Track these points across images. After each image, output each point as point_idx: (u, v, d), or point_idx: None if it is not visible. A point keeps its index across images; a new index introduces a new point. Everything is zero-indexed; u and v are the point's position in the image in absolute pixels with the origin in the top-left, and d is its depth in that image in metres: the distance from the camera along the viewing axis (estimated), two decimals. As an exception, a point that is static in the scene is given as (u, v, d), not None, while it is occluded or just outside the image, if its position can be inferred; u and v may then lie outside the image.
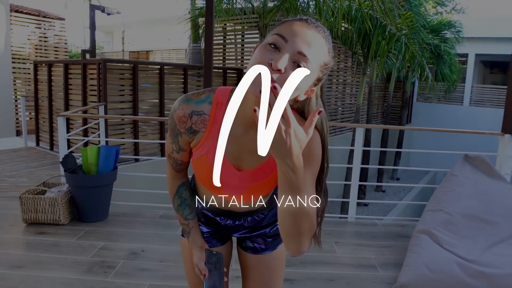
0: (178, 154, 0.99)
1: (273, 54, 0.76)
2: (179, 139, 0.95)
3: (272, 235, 1.16)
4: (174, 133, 0.95)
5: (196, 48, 7.97)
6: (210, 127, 0.90)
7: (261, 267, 1.16)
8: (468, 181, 2.82)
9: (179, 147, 0.97)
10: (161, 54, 16.62)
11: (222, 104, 0.90)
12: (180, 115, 0.91)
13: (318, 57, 0.79)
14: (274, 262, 1.18)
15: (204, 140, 0.91)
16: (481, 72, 17.49)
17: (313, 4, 5.72)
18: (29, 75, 7.76)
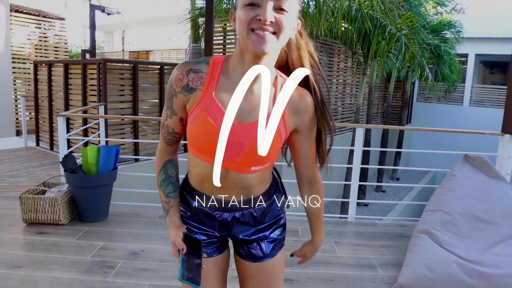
0: (171, 120, 1.00)
1: (255, 10, 0.82)
2: (173, 102, 0.97)
3: (272, 239, 1.10)
4: (169, 96, 0.97)
5: (196, 48, 7.96)
6: (208, 85, 0.93)
7: (260, 276, 1.11)
8: (468, 181, 2.82)
9: (172, 111, 0.99)
10: (161, 54, 16.62)
11: (218, 64, 0.94)
12: (177, 74, 0.95)
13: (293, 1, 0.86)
14: (273, 270, 1.12)
15: (201, 97, 0.93)
16: (481, 72, 17.49)
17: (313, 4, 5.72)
18: (29, 75, 7.76)
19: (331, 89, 9.47)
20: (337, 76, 9.77)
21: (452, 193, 2.74)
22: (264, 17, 0.81)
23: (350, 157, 8.49)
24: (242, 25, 0.84)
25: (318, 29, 5.70)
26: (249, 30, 0.84)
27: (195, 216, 1.08)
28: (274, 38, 0.85)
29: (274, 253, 1.11)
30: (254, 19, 0.82)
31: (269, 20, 0.82)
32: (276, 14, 0.83)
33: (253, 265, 1.10)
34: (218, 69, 0.94)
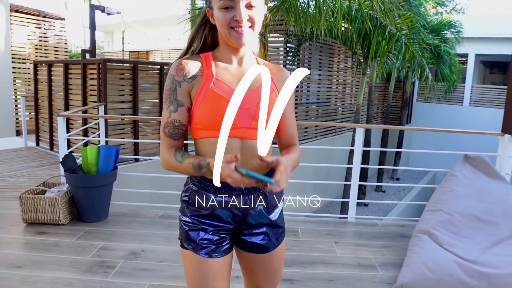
0: (176, 112, 1.07)
1: (231, 12, 1.01)
2: (177, 94, 1.06)
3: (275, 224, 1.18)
4: (172, 90, 1.07)
5: (196, 48, 7.95)
6: (206, 70, 1.07)
7: (271, 262, 1.20)
8: (468, 181, 2.82)
9: (177, 104, 1.07)
10: (161, 54, 16.61)
11: (208, 55, 1.11)
12: (176, 66, 1.07)
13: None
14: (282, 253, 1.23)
15: (205, 80, 1.06)
16: (481, 72, 17.49)
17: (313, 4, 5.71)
18: (29, 75, 7.76)
19: (331, 89, 9.47)
20: (337, 76, 9.77)
21: (452, 193, 2.74)
22: (239, 17, 1.00)
23: (350, 157, 8.49)
24: (223, 26, 1.02)
25: (318, 29, 5.70)
26: (229, 28, 1.02)
27: (210, 213, 1.11)
28: (250, 30, 1.04)
29: (278, 241, 1.20)
30: (232, 19, 1.01)
31: (244, 19, 1.01)
32: (248, 11, 1.02)
33: (264, 256, 1.18)
34: (210, 58, 1.10)
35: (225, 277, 1.14)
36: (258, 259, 1.19)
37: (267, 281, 1.24)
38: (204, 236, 1.10)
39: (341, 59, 9.81)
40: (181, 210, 1.16)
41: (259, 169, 1.07)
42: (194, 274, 1.12)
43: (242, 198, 1.11)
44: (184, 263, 1.15)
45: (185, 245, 1.13)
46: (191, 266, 1.12)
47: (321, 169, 8.71)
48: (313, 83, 8.70)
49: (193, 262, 1.11)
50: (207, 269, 1.10)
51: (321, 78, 8.97)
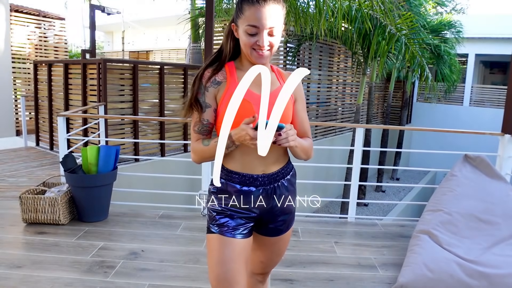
0: (205, 113, 1.25)
1: (255, 37, 1.18)
2: (205, 97, 1.25)
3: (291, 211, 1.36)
4: (200, 94, 1.25)
5: (196, 48, 7.97)
6: (229, 77, 1.26)
7: (280, 243, 1.40)
8: (468, 181, 2.82)
9: (205, 105, 1.25)
10: (161, 54, 16.61)
11: (231, 64, 1.29)
12: (204, 73, 1.26)
13: (279, 20, 1.19)
14: (289, 235, 1.42)
15: (229, 85, 1.24)
16: (481, 72, 17.50)
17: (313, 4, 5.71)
18: (29, 75, 7.76)
19: (331, 89, 9.47)
20: (337, 76, 9.77)
21: (452, 193, 2.74)
22: (262, 44, 1.18)
23: (350, 157, 8.50)
24: (246, 47, 1.20)
25: (318, 29, 5.70)
26: (251, 49, 1.20)
27: (238, 201, 1.27)
28: (269, 53, 1.21)
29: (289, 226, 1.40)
30: (255, 43, 1.18)
31: (265, 45, 1.18)
32: (269, 38, 1.19)
33: (275, 238, 1.38)
34: (232, 67, 1.28)
35: (244, 259, 1.27)
36: (269, 240, 1.38)
37: (272, 259, 1.43)
38: (230, 220, 1.26)
39: (341, 59, 9.81)
40: (209, 200, 1.32)
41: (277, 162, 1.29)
42: (217, 254, 1.23)
43: (265, 188, 1.27)
44: (209, 246, 1.28)
45: (212, 229, 1.27)
46: (216, 247, 1.24)
47: (321, 169, 8.71)
48: (313, 83, 8.70)
49: (218, 243, 1.24)
50: (230, 250, 1.23)
51: (321, 78, 8.97)
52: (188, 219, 3.19)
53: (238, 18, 1.19)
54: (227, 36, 1.27)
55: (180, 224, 3.09)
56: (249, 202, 1.27)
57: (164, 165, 5.38)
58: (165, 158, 5.50)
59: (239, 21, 1.19)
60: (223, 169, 1.28)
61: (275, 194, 1.30)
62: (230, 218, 1.26)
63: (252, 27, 1.16)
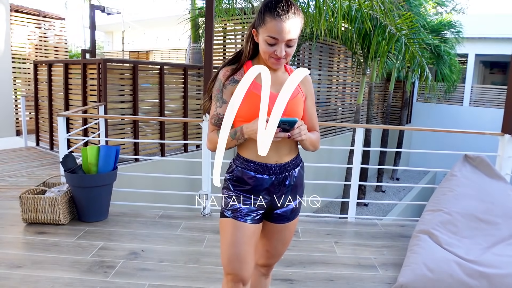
0: (221, 108, 1.36)
1: (273, 47, 1.28)
2: (223, 93, 1.37)
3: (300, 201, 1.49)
4: (219, 90, 1.37)
5: (196, 48, 7.96)
6: None
7: (286, 231, 1.49)
8: (468, 181, 2.82)
9: (222, 101, 1.37)
10: (161, 54, 16.61)
11: (248, 65, 1.38)
12: (224, 71, 1.38)
13: (297, 32, 1.29)
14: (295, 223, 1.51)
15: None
16: (481, 72, 17.49)
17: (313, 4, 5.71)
18: (29, 75, 7.76)
19: (331, 89, 9.47)
20: (337, 76, 9.77)
21: (452, 193, 2.74)
22: (280, 54, 1.28)
23: (350, 157, 8.49)
24: (265, 54, 1.30)
25: (318, 29, 5.70)
26: (269, 57, 1.30)
27: (251, 188, 1.38)
28: (284, 60, 1.32)
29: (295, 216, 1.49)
30: (273, 53, 1.28)
31: (283, 56, 1.28)
32: (286, 49, 1.28)
33: (282, 225, 1.47)
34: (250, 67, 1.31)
35: (254, 243, 1.38)
36: (276, 228, 1.47)
37: (277, 247, 1.52)
38: (244, 206, 1.36)
39: (341, 59, 9.81)
40: (225, 187, 1.42)
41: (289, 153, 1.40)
42: (230, 237, 1.34)
43: (277, 177, 1.38)
44: (222, 229, 1.39)
45: (226, 214, 1.38)
46: (229, 230, 1.35)
47: (321, 169, 8.71)
48: (313, 83, 8.67)
49: (231, 227, 1.35)
50: (242, 233, 1.34)
51: (321, 78, 8.97)
52: (188, 219, 3.19)
53: (259, 26, 1.28)
54: (248, 39, 1.36)
55: (180, 224, 3.09)
56: (262, 189, 1.38)
57: (164, 165, 5.38)
58: (165, 158, 5.50)
59: (260, 29, 1.28)
60: (239, 158, 1.40)
61: (285, 182, 1.41)
62: (243, 204, 1.37)
63: (272, 38, 1.25)
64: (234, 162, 1.43)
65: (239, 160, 1.40)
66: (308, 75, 1.43)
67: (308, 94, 1.46)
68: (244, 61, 1.39)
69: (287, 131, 1.26)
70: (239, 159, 1.40)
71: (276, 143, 1.33)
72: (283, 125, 1.23)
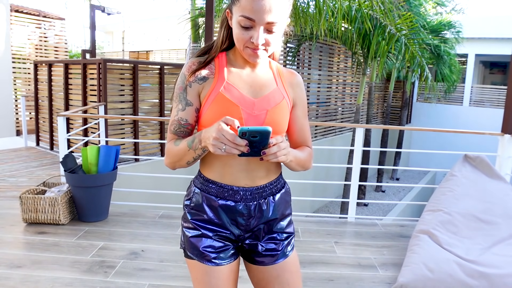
0: (184, 111, 1.06)
1: (249, 32, 0.97)
2: (187, 93, 1.05)
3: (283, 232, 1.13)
4: (182, 89, 1.06)
5: (196, 48, 7.96)
6: (218, 73, 1.05)
7: (284, 276, 1.12)
8: (468, 181, 2.82)
9: (186, 103, 1.06)
10: (161, 54, 16.62)
11: (221, 57, 1.08)
12: (189, 65, 1.06)
13: (281, 14, 0.97)
14: (295, 265, 1.16)
15: (215, 83, 1.04)
16: (481, 72, 17.50)
17: (313, 4, 5.71)
18: (29, 75, 7.76)
19: (331, 89, 9.47)
20: (337, 76, 9.77)
21: (452, 193, 2.74)
22: (256, 42, 0.96)
23: (350, 157, 8.50)
24: (239, 42, 1.00)
25: (318, 29, 5.70)
26: (244, 47, 1.00)
27: (212, 217, 1.07)
28: (264, 52, 1.01)
29: (286, 253, 1.13)
30: (248, 40, 0.97)
31: (261, 44, 0.97)
32: (266, 35, 0.97)
33: (273, 267, 1.12)
34: (223, 61, 1.07)
35: (233, 283, 1.11)
36: (268, 272, 1.12)
37: None
38: (207, 243, 1.07)
39: (341, 59, 9.81)
40: (183, 217, 1.13)
41: (266, 176, 1.09)
42: (204, 285, 1.07)
43: (247, 204, 1.07)
44: (191, 272, 1.12)
45: (189, 254, 1.10)
46: (199, 276, 1.08)
47: (321, 169, 8.71)
48: (313, 83, 8.70)
49: (200, 272, 1.07)
50: (216, 278, 1.06)
51: (321, 78, 8.97)
52: (188, 219, 3.19)
53: (233, 4, 0.98)
54: (222, 25, 1.08)
55: (180, 224, 3.08)
56: (227, 219, 1.07)
57: (164, 165, 5.37)
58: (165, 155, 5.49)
59: (234, 8, 0.98)
60: (199, 177, 1.10)
61: (260, 213, 1.08)
62: (206, 239, 1.07)
63: (246, 19, 0.95)
64: (193, 182, 1.12)
65: (199, 180, 1.10)
66: (299, 78, 1.14)
67: (298, 101, 1.13)
68: (216, 53, 1.08)
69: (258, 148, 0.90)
70: (199, 178, 1.10)
71: (248, 161, 1.04)
72: (251, 137, 0.87)
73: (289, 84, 1.12)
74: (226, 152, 0.88)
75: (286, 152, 0.94)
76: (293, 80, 1.13)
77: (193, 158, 1.02)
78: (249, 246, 1.12)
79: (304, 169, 1.12)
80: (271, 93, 1.06)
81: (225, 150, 0.88)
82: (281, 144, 0.92)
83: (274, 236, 1.12)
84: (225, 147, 0.88)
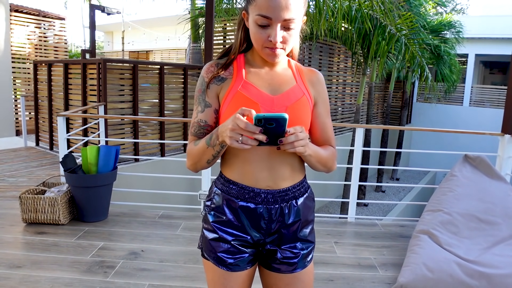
0: (203, 113, 1.07)
1: (267, 31, 0.97)
2: (206, 95, 1.06)
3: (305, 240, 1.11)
4: (201, 91, 1.07)
5: (196, 48, 7.97)
6: (236, 73, 1.06)
7: (298, 284, 1.10)
8: (468, 181, 2.82)
9: (205, 105, 1.06)
10: (161, 54, 16.63)
11: (240, 58, 1.09)
12: (207, 67, 1.08)
13: (299, 11, 0.98)
14: (309, 275, 1.13)
15: (233, 83, 1.04)
16: (481, 72, 17.51)
17: (313, 4, 5.71)
18: (29, 75, 7.76)
19: (331, 89, 9.47)
20: (337, 76, 9.77)
21: (452, 193, 2.74)
22: (274, 39, 0.97)
23: (350, 157, 8.50)
24: (257, 42, 1.00)
25: (318, 29, 5.70)
26: (263, 47, 1.00)
27: (232, 219, 1.06)
28: (283, 50, 1.01)
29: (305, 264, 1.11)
30: (266, 39, 0.98)
31: (279, 41, 0.97)
32: (284, 33, 0.98)
33: (288, 276, 1.10)
34: (241, 61, 1.08)
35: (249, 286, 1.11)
36: (281, 279, 1.10)
37: None
38: (225, 248, 1.05)
39: (341, 59, 9.81)
40: (203, 218, 1.12)
41: (290, 177, 1.06)
42: (218, 286, 1.08)
43: (268, 208, 1.04)
44: (206, 272, 1.12)
45: (206, 255, 1.09)
46: (215, 278, 1.08)
47: (321, 169, 8.69)
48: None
49: (217, 275, 1.07)
50: (231, 282, 1.06)
51: (321, 78, 8.97)
52: (188, 219, 3.19)
53: (249, 4, 0.99)
54: (239, 26, 1.08)
55: (180, 224, 3.09)
56: (247, 222, 1.05)
57: (164, 165, 5.38)
58: (165, 158, 5.50)
59: (250, 7, 0.99)
60: (220, 178, 1.09)
61: (281, 217, 1.06)
62: (224, 243, 1.06)
63: (263, 17, 0.95)
64: (214, 183, 1.11)
65: (219, 181, 1.09)
66: (320, 75, 1.13)
67: (319, 99, 1.11)
68: (235, 55, 1.09)
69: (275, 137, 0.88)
70: (221, 179, 1.09)
71: (270, 159, 1.03)
72: (267, 125, 0.86)
73: (309, 82, 1.11)
74: (243, 143, 0.87)
75: (305, 143, 0.92)
76: (314, 78, 1.12)
77: (212, 155, 1.01)
78: (268, 252, 1.10)
79: (326, 169, 1.10)
80: (291, 89, 1.05)
81: (241, 141, 0.87)
82: (300, 134, 0.90)
83: (295, 245, 1.09)
84: (241, 138, 0.87)
